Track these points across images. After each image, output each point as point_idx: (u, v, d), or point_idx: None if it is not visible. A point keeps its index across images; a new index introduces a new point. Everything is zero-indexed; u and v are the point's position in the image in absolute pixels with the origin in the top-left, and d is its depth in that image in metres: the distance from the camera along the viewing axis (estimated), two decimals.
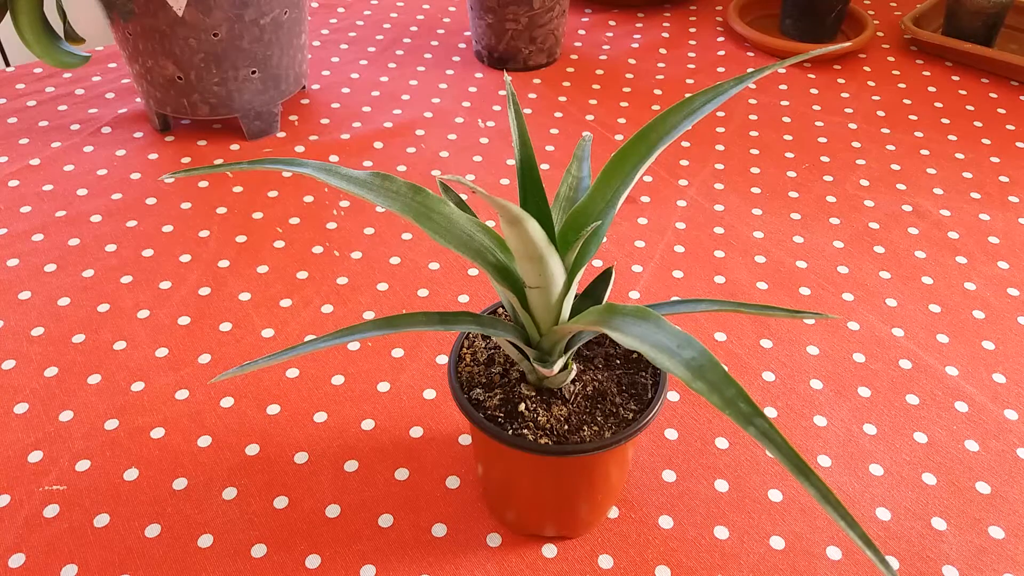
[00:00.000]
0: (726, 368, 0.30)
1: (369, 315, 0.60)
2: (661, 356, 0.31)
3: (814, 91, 0.86)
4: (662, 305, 0.39)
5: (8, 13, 0.65)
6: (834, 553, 0.46)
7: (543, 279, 0.36)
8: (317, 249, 0.66)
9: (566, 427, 0.41)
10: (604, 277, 0.41)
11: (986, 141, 0.79)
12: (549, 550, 0.46)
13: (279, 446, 0.51)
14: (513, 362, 0.44)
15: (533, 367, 0.40)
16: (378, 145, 0.77)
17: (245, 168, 0.34)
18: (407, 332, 0.59)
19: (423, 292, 0.62)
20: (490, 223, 0.38)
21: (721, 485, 0.50)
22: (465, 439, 0.52)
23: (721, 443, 0.52)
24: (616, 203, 0.38)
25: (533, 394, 0.42)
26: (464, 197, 0.43)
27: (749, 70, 0.89)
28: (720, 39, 0.95)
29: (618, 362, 0.44)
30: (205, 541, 0.46)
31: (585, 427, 0.41)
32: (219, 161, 0.75)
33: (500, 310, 0.47)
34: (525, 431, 0.41)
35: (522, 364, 0.42)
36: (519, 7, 0.83)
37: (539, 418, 0.41)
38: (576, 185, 0.42)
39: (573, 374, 0.42)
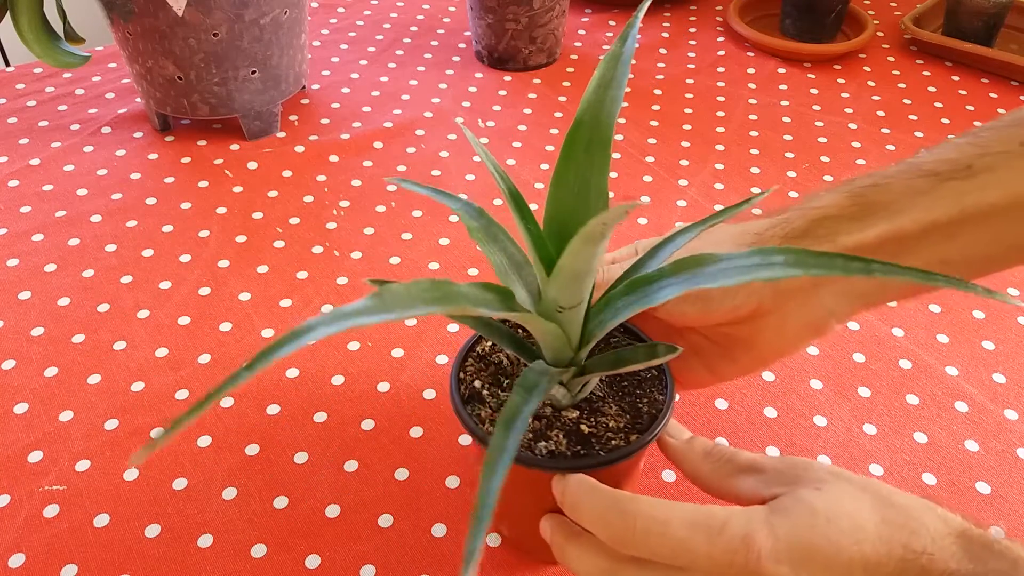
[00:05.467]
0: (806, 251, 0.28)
1: None
2: (762, 272, 0.28)
3: (814, 91, 0.86)
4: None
5: (8, 13, 0.65)
6: None
7: (582, 295, 0.34)
8: (317, 249, 0.66)
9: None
10: None
11: None
12: None
13: (279, 446, 0.51)
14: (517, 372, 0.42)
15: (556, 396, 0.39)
16: (378, 145, 0.77)
17: (246, 376, 0.25)
18: (408, 332, 0.59)
19: None
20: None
21: None
22: (465, 439, 0.52)
23: (721, 443, 0.52)
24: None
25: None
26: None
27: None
28: (720, 39, 0.95)
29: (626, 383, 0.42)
30: (205, 541, 0.46)
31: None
32: (219, 161, 0.75)
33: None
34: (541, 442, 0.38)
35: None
36: (519, 7, 0.83)
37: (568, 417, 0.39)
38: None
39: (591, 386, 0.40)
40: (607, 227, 0.29)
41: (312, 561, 0.46)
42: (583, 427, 0.39)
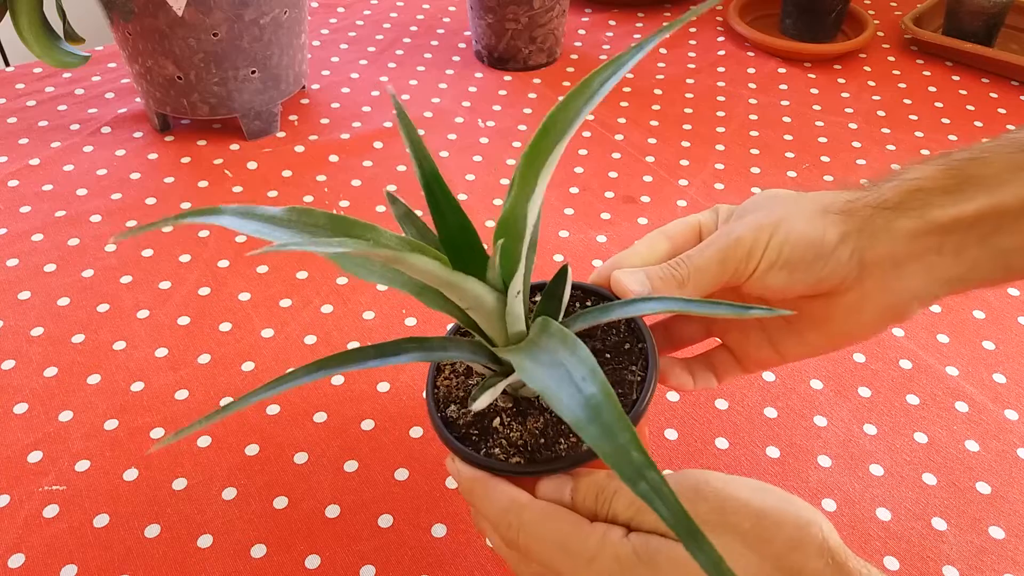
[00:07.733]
0: (622, 412, 0.27)
1: (369, 315, 0.60)
2: (561, 393, 0.28)
3: (814, 91, 0.86)
4: (611, 307, 0.37)
5: (8, 13, 0.65)
6: None
7: (469, 302, 0.33)
8: None
9: (542, 441, 0.37)
10: (560, 277, 0.38)
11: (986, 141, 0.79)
12: None
13: (279, 446, 0.51)
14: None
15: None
16: (378, 145, 0.77)
17: (161, 226, 0.31)
18: (408, 332, 0.59)
19: None
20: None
21: None
22: None
23: (721, 443, 0.52)
24: (534, 201, 0.34)
25: (510, 406, 0.39)
26: (419, 213, 0.42)
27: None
28: (720, 39, 0.95)
29: (607, 356, 0.41)
30: (205, 541, 0.46)
31: (563, 439, 0.37)
32: (219, 161, 0.75)
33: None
34: (496, 450, 0.37)
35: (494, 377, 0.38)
36: (519, 7, 0.83)
37: (512, 434, 0.38)
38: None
39: None
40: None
41: (312, 561, 0.46)
42: (489, 422, 0.38)
